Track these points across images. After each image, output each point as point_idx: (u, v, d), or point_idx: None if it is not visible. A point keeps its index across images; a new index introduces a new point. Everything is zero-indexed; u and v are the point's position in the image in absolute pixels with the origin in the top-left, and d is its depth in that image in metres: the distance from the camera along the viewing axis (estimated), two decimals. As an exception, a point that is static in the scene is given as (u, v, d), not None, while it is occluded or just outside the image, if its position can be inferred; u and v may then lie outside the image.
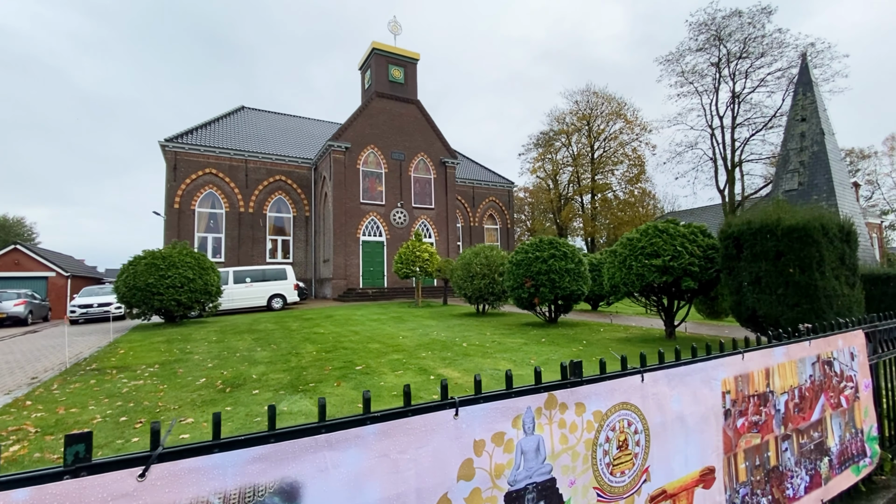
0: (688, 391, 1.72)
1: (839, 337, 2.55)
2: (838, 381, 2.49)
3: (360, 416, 1.11)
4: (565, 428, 1.38)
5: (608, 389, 1.49)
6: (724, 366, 1.88)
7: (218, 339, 10.53)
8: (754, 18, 24.69)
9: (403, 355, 7.84)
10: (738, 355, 1.95)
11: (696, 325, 11.25)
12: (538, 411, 1.34)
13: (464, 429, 1.21)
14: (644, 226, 8.73)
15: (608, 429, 1.48)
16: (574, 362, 1.46)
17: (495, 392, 1.29)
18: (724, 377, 1.87)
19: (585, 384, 1.45)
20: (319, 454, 1.03)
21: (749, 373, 1.98)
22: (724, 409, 1.86)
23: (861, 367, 2.68)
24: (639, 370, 1.59)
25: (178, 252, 14.09)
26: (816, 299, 6.58)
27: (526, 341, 9.12)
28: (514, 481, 1.28)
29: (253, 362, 7.64)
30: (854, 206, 14.02)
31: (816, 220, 6.73)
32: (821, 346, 2.42)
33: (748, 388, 1.97)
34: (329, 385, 5.89)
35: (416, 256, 19.00)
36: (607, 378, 1.50)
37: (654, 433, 1.61)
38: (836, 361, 2.50)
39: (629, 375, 1.56)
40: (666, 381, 1.66)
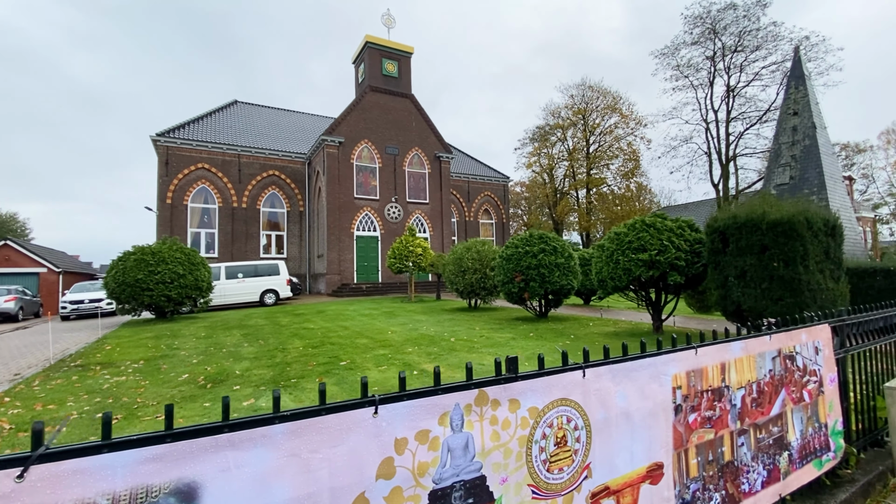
0: (635, 387, 1.70)
1: (803, 331, 2.54)
2: (801, 376, 2.48)
3: (268, 416, 1.08)
4: (497, 425, 1.36)
5: (545, 386, 1.47)
6: (675, 361, 1.86)
7: (206, 335, 10.49)
8: (749, 11, 24.60)
9: (390, 350, 7.82)
10: (690, 350, 1.93)
11: (686, 319, 11.28)
12: (468, 408, 1.32)
13: (384, 427, 1.19)
14: (631, 220, 8.71)
15: (545, 425, 1.46)
16: (510, 358, 1.43)
17: (421, 389, 1.26)
18: (676, 372, 1.85)
19: (521, 380, 1.42)
20: (221, 454, 1.01)
21: (703, 368, 1.96)
22: (675, 405, 1.84)
23: (826, 362, 2.67)
24: (580, 366, 1.57)
25: (167, 248, 14.02)
26: (800, 293, 6.58)
27: (514, 336, 9.12)
28: (440, 479, 1.25)
29: (238, 358, 7.62)
30: (845, 201, 14.04)
31: (801, 214, 6.72)
32: (782, 340, 2.40)
33: (702, 384, 1.95)
34: (311, 381, 5.87)
35: (410, 251, 18.96)
36: (545, 374, 1.48)
37: (596, 429, 1.58)
38: (798, 356, 2.48)
39: (569, 371, 1.54)
40: (610, 376, 1.64)
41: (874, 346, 3.21)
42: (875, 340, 3.24)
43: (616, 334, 9.15)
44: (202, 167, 24.66)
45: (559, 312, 13.40)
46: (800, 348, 2.50)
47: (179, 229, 23.92)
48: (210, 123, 27.32)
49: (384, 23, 27.58)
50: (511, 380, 1.40)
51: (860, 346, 3.05)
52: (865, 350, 3.14)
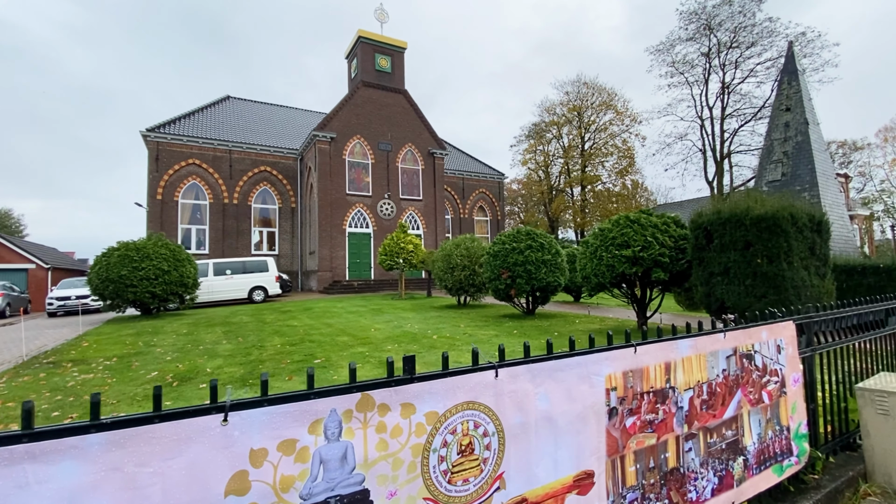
0: (559, 388, 1.55)
1: (763, 328, 2.39)
2: (760, 376, 2.33)
3: (82, 424, 0.93)
4: (385, 432, 1.21)
5: (448, 388, 1.32)
6: (609, 360, 1.71)
7: (188, 332, 10.33)
8: (745, 7, 24.40)
9: (369, 348, 7.67)
10: (628, 349, 1.78)
11: (673, 317, 11.16)
12: (347, 414, 1.17)
13: (236, 437, 1.04)
14: (616, 216, 8.57)
15: (446, 432, 1.31)
16: (407, 357, 1.28)
17: (287, 394, 1.11)
18: (610, 372, 1.70)
19: (417, 382, 1.27)
20: (17, 467, 0.86)
21: (643, 368, 1.81)
22: (609, 408, 1.69)
23: (790, 361, 2.52)
24: (492, 365, 1.42)
25: (152, 244, 13.83)
26: (784, 290, 6.45)
27: (498, 333, 8.98)
28: (309, 494, 1.10)
29: (213, 355, 7.46)
30: (837, 198, 13.92)
31: (785, 209, 6.58)
32: (739, 338, 2.25)
33: (642, 384, 1.80)
34: (280, 379, 5.72)
35: (401, 248, 18.81)
36: (447, 375, 1.33)
37: (511, 435, 1.44)
38: (757, 355, 2.34)
39: (478, 371, 1.39)
40: (529, 377, 1.49)
41: (846, 344, 3.07)
42: (848, 339, 3.10)
43: (601, 331, 9.01)
44: (193, 163, 24.43)
45: (547, 309, 13.27)
46: (759, 347, 2.36)
47: (170, 225, 23.71)
48: (201, 119, 27.06)
49: (377, 17, 27.33)
50: (404, 382, 1.25)
51: (830, 344, 2.91)
52: (836, 349, 2.99)
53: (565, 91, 36.98)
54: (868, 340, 3.41)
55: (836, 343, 2.96)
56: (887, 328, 3.46)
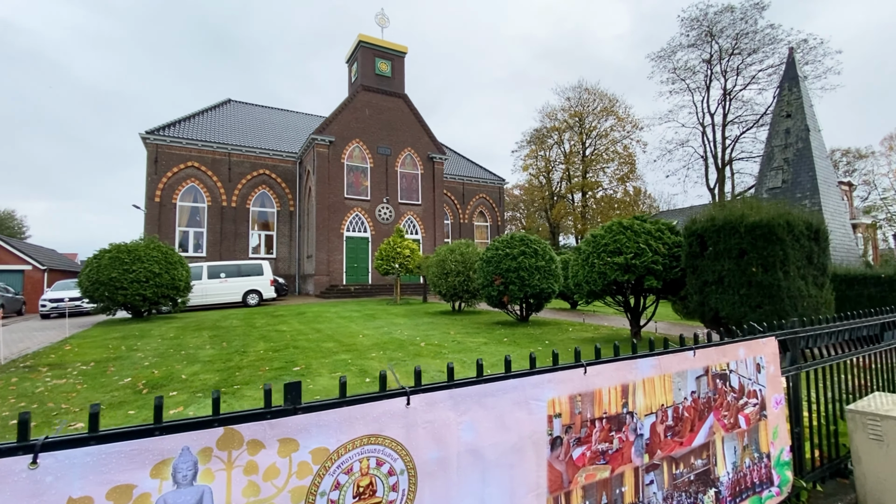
0: (489, 416, 1.36)
1: (740, 345, 2.18)
2: (736, 398, 2.12)
3: None
4: (256, 474, 1.02)
5: (343, 419, 1.12)
6: (553, 382, 1.51)
7: (175, 336, 10.17)
8: (746, 14, 24.25)
9: (353, 355, 7.47)
10: (576, 370, 1.58)
11: (671, 326, 10.90)
12: (205, 453, 0.97)
13: (49, 483, 0.85)
14: (609, 222, 8.36)
15: (339, 471, 1.11)
16: (290, 384, 1.09)
17: (124, 428, 0.92)
18: (554, 397, 1.50)
19: (301, 413, 1.08)
20: None
21: (595, 391, 1.61)
22: (552, 437, 1.49)
23: (771, 381, 2.31)
24: (403, 392, 1.22)
25: (144, 246, 13.72)
26: (779, 300, 6.22)
27: (487, 341, 8.76)
28: (150, 552, 0.91)
29: (192, 361, 7.28)
30: (839, 205, 13.66)
31: (782, 217, 6.35)
32: (711, 356, 2.04)
33: (593, 410, 1.60)
34: (254, 388, 5.53)
35: (397, 253, 18.64)
36: (343, 404, 1.13)
37: (425, 473, 1.24)
38: (733, 374, 2.13)
39: (385, 399, 1.19)
40: (451, 404, 1.29)
41: (837, 361, 2.85)
42: (839, 355, 2.88)
43: (593, 340, 8.78)
44: (192, 165, 24.39)
45: (541, 317, 13.03)
46: (735, 365, 2.15)
47: (168, 228, 23.63)
48: (202, 122, 27.07)
49: (378, 22, 27.34)
50: (284, 413, 1.06)
51: (818, 361, 2.69)
52: (826, 366, 2.77)
53: (566, 97, 36.90)
54: (862, 357, 3.19)
55: (826, 360, 2.74)
56: (883, 343, 3.24)
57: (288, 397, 1.09)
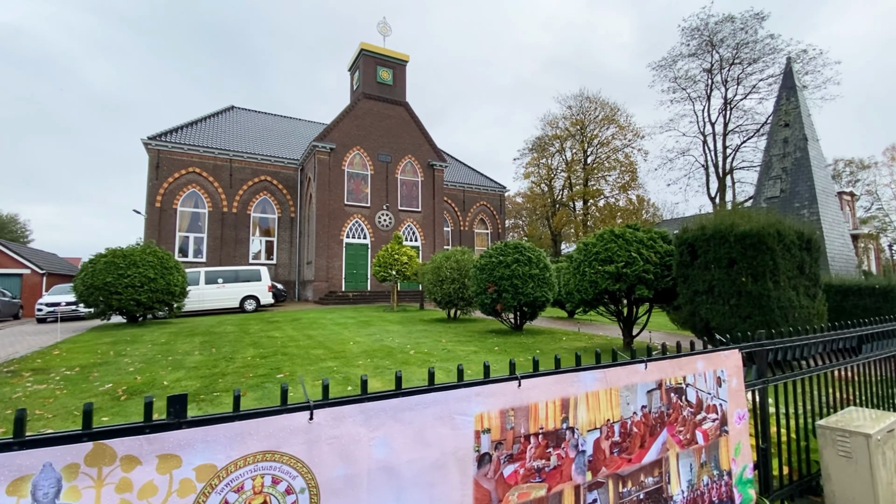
0: (407, 431, 1.30)
1: (698, 358, 2.11)
2: (693, 413, 2.05)
3: None
4: (130, 492, 0.96)
5: (234, 434, 1.07)
6: (482, 396, 1.45)
7: (166, 342, 10.14)
8: (747, 24, 24.28)
9: (339, 363, 7.41)
10: (510, 383, 1.52)
11: (666, 336, 10.76)
12: (71, 469, 0.92)
13: None
14: (601, 231, 8.30)
15: (228, 490, 1.06)
16: (174, 397, 1.04)
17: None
18: (482, 411, 1.44)
19: (186, 428, 1.03)
20: None
21: (530, 405, 1.55)
22: (479, 454, 1.43)
23: (733, 395, 2.23)
24: (305, 406, 1.17)
25: (140, 251, 13.75)
26: (769, 311, 6.12)
27: (477, 350, 8.67)
28: (2, 578, 0.86)
29: (178, 367, 7.24)
30: (838, 216, 13.53)
31: (771, 226, 6.28)
32: (665, 369, 1.97)
33: (528, 425, 1.54)
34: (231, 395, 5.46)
35: (395, 260, 18.61)
36: (235, 418, 1.08)
37: (330, 492, 1.18)
38: (690, 388, 2.05)
39: (284, 413, 1.14)
40: (362, 419, 1.24)
41: (810, 375, 2.76)
42: (811, 369, 2.80)
43: (585, 350, 8.67)
44: (193, 171, 24.55)
45: (536, 325, 12.93)
46: (693, 379, 2.07)
47: (168, 233, 23.74)
48: (204, 128, 27.30)
49: (380, 31, 27.59)
50: (166, 427, 1.01)
51: (788, 375, 2.61)
52: (798, 380, 2.69)
53: (568, 105, 36.99)
54: (842, 369, 3.10)
55: (797, 374, 2.66)
56: (860, 356, 3.15)
57: (171, 410, 1.04)
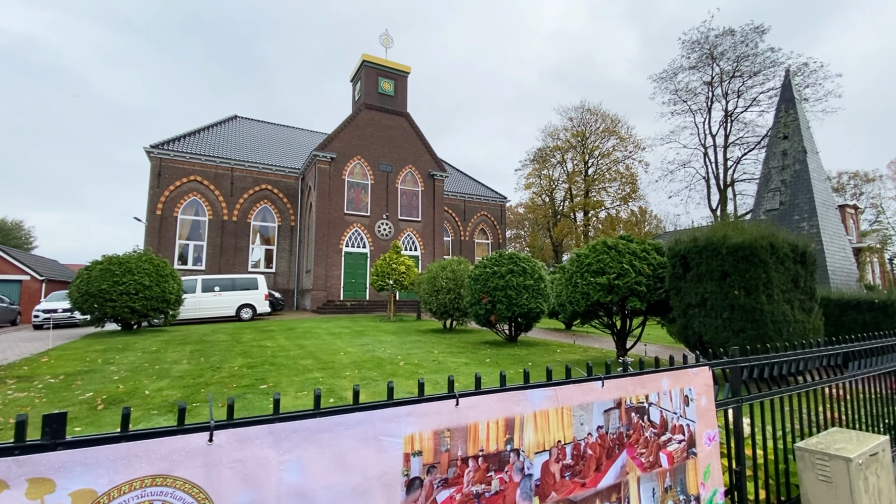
0: (325, 454, 1.21)
1: (663, 376, 2.01)
2: (656, 434, 1.94)
3: None
4: (-11, 520, 0.89)
5: (119, 456, 0.99)
6: (413, 416, 1.36)
7: (157, 350, 10.08)
8: (747, 37, 24.38)
9: (327, 374, 7.31)
10: (447, 401, 1.43)
11: (662, 349, 10.58)
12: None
13: None
14: (594, 241, 8.20)
15: (110, 517, 0.98)
16: (50, 416, 0.96)
17: None
18: (413, 432, 1.35)
19: (63, 449, 0.95)
20: None
21: (469, 425, 1.46)
22: (408, 479, 1.33)
23: (702, 415, 2.13)
24: (207, 426, 1.09)
25: (136, 258, 13.76)
26: (763, 325, 5.99)
27: (468, 362, 8.55)
28: None
29: (163, 376, 7.15)
30: (838, 228, 13.38)
31: (765, 238, 6.17)
32: (625, 387, 1.88)
33: (466, 447, 1.45)
34: (213, 406, 5.37)
35: (392, 269, 18.53)
36: (120, 439, 1.00)
37: (233, 519, 1.09)
38: (653, 407, 1.95)
39: (180, 434, 1.06)
40: (272, 441, 1.15)
41: (790, 394, 2.65)
42: (791, 387, 2.68)
43: (577, 363, 8.52)
44: (194, 179, 24.69)
45: (531, 337, 12.78)
46: (656, 398, 1.97)
47: (168, 241, 23.80)
48: (206, 137, 27.53)
49: (382, 43, 27.89)
50: (38, 449, 0.93)
51: (766, 394, 2.50)
52: (777, 398, 2.58)
53: (569, 117, 37.14)
54: (827, 387, 2.98)
55: (776, 392, 2.54)
56: (846, 374, 3.03)
57: (46, 430, 0.96)
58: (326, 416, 1.23)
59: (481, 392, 1.50)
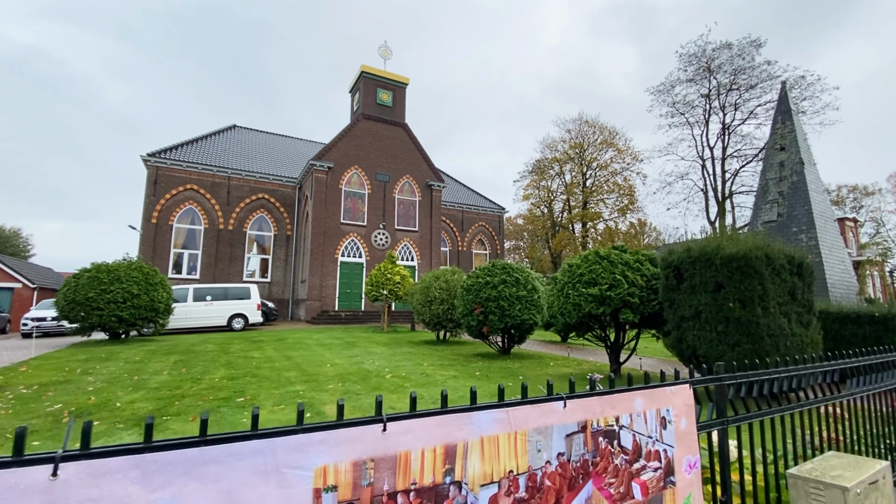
0: (209, 492, 1.01)
1: (636, 395, 1.81)
2: (628, 461, 1.73)
3: None
4: None
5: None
6: (327, 445, 1.16)
7: (140, 360, 9.84)
8: (744, 51, 24.49)
9: (308, 387, 7.06)
10: (373, 426, 1.23)
11: (659, 362, 10.33)
12: None
13: None
14: (586, 252, 8.02)
15: None
16: None
17: None
18: (326, 463, 1.15)
19: None
20: None
21: (398, 454, 1.25)
22: (320, 517, 1.13)
23: (682, 439, 1.92)
24: (51, 458, 0.90)
25: (125, 266, 13.55)
26: (759, 338, 5.77)
27: (457, 375, 8.30)
28: None
29: (139, 387, 6.91)
30: (837, 241, 13.20)
31: (760, 249, 5.99)
32: (591, 408, 1.67)
33: (395, 480, 1.24)
34: (183, 420, 5.14)
35: (387, 279, 18.31)
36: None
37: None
38: (624, 431, 1.75)
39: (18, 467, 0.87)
40: (138, 475, 0.95)
41: (782, 414, 2.43)
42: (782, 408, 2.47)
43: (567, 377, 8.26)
44: (191, 188, 24.62)
45: (525, 349, 12.51)
46: (629, 420, 1.77)
47: (162, 249, 23.64)
48: (204, 146, 27.54)
49: (381, 54, 28.06)
50: None
51: (755, 414, 2.29)
52: (768, 419, 2.37)
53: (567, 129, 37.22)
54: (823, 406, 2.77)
55: (766, 413, 2.33)
56: (844, 393, 2.82)
57: None
58: (215, 444, 1.03)
59: (416, 415, 1.30)
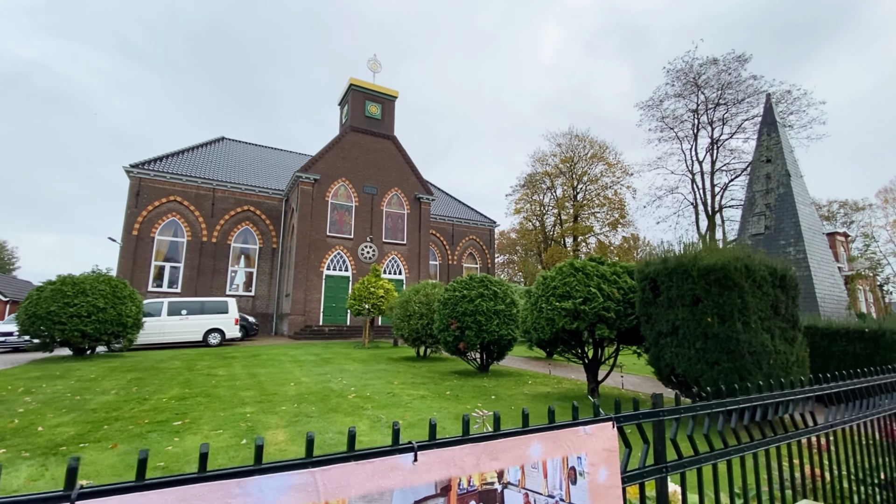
0: None
1: (532, 439, 1.37)
2: (517, 529, 1.29)
3: None
4: None
5: None
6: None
7: (94, 377, 9.28)
8: (729, 66, 24.62)
9: (259, 408, 6.55)
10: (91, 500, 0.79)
11: (643, 380, 9.85)
12: None
13: None
14: (561, 263, 7.61)
15: None
16: None
17: None
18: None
19: None
20: None
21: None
22: None
23: (600, 496, 1.48)
24: None
25: (92, 279, 13.01)
26: (740, 356, 5.34)
27: (426, 394, 7.79)
28: None
29: (74, 409, 6.38)
30: (826, 254, 12.88)
31: (739, 260, 5.60)
32: (461, 461, 1.24)
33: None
34: (101, 448, 4.61)
35: (370, 293, 17.81)
36: None
37: None
38: (511, 490, 1.31)
39: None
40: None
41: (741, 454, 2.00)
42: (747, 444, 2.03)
43: (546, 397, 7.78)
44: (174, 200, 24.18)
45: (505, 366, 12.00)
46: (518, 475, 1.33)
47: (143, 262, 23.07)
48: (190, 157, 27.20)
49: (370, 67, 28.03)
50: None
51: (706, 456, 1.85)
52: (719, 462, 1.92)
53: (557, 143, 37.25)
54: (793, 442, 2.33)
55: (721, 453, 1.89)
56: (820, 426, 2.39)
57: None
58: None
59: (147, 485, 0.86)
